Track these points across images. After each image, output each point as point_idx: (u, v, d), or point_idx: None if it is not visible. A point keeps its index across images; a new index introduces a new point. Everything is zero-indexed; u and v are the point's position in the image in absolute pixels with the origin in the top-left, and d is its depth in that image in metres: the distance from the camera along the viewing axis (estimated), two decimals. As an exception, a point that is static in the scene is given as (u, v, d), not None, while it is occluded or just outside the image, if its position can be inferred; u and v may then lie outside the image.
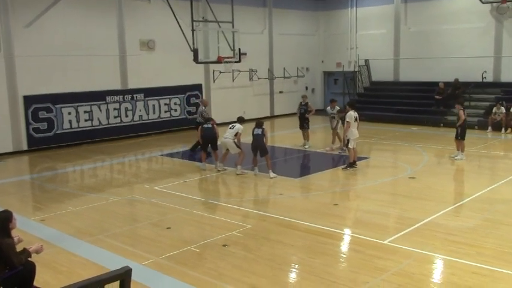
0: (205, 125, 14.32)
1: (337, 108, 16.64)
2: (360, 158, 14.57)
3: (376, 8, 26.08)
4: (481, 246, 7.93)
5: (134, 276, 4.89)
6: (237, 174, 13.33)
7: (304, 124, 17.09)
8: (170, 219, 9.81)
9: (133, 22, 20.20)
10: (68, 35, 18.27)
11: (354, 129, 13.54)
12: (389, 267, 7.21)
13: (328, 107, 17.09)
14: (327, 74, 29.19)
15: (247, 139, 14.04)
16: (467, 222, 9.16)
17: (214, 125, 14.20)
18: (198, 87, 22.77)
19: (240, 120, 14.02)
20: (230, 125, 13.86)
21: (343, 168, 13.66)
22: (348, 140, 13.74)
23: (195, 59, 16.48)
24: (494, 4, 22.06)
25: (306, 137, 17.15)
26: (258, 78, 25.10)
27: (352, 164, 13.56)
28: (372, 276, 6.92)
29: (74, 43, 18.42)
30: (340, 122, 16.04)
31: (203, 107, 16.62)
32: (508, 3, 21.64)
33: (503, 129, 19.45)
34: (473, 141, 16.80)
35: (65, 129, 18.42)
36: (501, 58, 22.28)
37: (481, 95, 21.86)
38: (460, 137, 14.52)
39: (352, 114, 13.55)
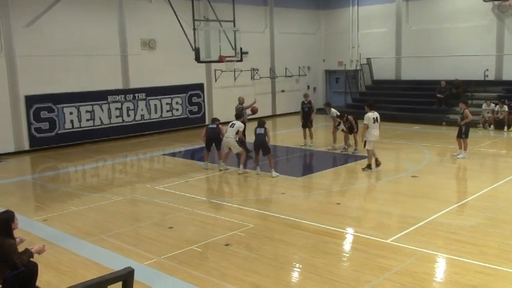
0: (210, 125, 14.32)
1: (334, 111, 16.44)
2: (363, 157, 14.54)
3: (377, 7, 26.06)
4: (484, 245, 7.90)
5: (136, 276, 4.87)
6: (239, 174, 13.32)
7: (308, 123, 17.06)
8: (172, 218, 9.81)
9: (135, 21, 20.20)
10: (69, 35, 18.27)
11: (374, 130, 13.13)
12: (392, 266, 7.19)
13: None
14: (329, 73, 29.17)
15: (249, 138, 14.01)
16: (470, 221, 9.12)
17: (219, 125, 14.16)
18: (199, 86, 22.77)
19: (238, 116, 13.96)
20: (230, 124, 13.84)
21: (363, 169, 13.36)
22: (366, 142, 13.28)
23: (197, 58, 16.47)
24: (496, 2, 22.02)
25: (310, 135, 17.11)
26: (260, 77, 25.10)
27: (370, 166, 13.23)
28: (374, 275, 6.90)
29: (75, 43, 18.43)
30: (341, 123, 15.95)
31: (239, 105, 16.40)
32: (509, 1, 21.59)
33: (505, 128, 19.41)
34: (475, 139, 16.77)
35: (67, 129, 18.44)
36: (503, 56, 22.24)
37: (483, 94, 21.81)
38: (464, 136, 14.49)
39: (370, 115, 13.09)
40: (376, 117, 13.23)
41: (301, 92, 23.09)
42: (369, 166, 13.26)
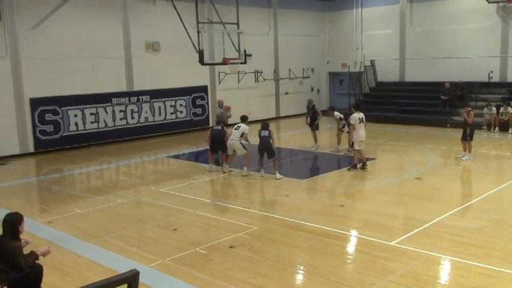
0: (215, 127, 14.37)
1: (337, 113, 16.49)
2: (366, 159, 14.52)
3: (381, 8, 26.05)
4: (489, 247, 7.89)
5: (140, 278, 4.89)
6: (243, 176, 13.34)
7: (313, 126, 17.11)
8: (176, 221, 9.83)
9: (139, 24, 20.26)
10: (73, 38, 18.33)
11: (360, 130, 13.55)
12: (396, 268, 7.18)
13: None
14: (333, 75, 29.17)
15: (253, 140, 14.03)
16: (475, 223, 9.10)
17: (225, 128, 14.22)
18: (203, 88, 22.81)
19: (243, 119, 14.03)
20: (235, 126, 13.88)
21: (348, 169, 13.65)
22: (353, 142, 13.83)
23: (201, 60, 16.51)
24: (501, 3, 21.96)
25: (314, 138, 17.12)
26: (264, 80, 25.12)
27: (356, 165, 13.57)
28: (378, 278, 6.89)
29: (80, 45, 18.49)
30: (346, 125, 16.04)
31: (219, 109, 16.70)
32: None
33: (510, 129, 19.34)
34: (480, 141, 16.72)
35: (71, 131, 18.50)
36: (507, 58, 22.16)
37: (487, 95, 21.75)
38: (469, 138, 14.47)
39: (356, 116, 13.56)
40: (362, 118, 13.64)
41: (305, 93, 23.13)
42: (363, 164, 13.55)
